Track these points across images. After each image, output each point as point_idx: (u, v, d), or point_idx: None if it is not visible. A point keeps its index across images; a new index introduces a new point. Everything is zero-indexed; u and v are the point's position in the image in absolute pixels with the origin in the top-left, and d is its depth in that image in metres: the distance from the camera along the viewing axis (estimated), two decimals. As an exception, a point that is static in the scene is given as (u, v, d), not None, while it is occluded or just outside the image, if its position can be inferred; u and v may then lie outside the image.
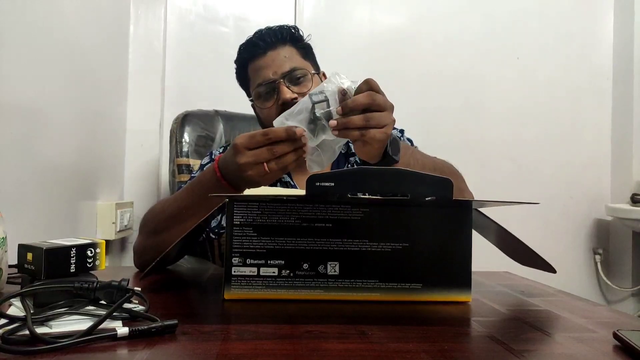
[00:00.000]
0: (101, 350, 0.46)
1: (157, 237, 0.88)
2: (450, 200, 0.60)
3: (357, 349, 0.48)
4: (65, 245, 0.59)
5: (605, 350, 0.49)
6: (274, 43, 1.05)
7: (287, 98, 1.02)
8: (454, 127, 1.96)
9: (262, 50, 1.05)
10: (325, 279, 0.66)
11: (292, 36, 1.08)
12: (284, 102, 1.02)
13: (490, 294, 0.75)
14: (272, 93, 1.04)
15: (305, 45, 1.11)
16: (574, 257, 2.06)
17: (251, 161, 0.74)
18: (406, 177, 0.60)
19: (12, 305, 0.56)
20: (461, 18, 1.98)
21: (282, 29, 1.07)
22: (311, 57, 1.11)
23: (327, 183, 0.57)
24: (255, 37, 1.07)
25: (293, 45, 1.07)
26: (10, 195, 0.97)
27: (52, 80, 1.18)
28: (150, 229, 0.91)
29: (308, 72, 1.06)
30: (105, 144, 1.57)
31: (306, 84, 1.05)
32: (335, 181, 0.57)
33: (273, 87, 1.03)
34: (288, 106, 1.02)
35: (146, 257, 0.86)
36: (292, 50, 1.07)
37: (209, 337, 0.50)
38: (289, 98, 1.02)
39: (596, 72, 2.07)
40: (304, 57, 1.08)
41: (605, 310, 0.71)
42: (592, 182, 2.06)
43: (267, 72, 1.04)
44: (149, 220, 0.93)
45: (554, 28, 2.04)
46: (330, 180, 0.57)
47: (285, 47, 1.06)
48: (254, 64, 1.06)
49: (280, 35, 1.06)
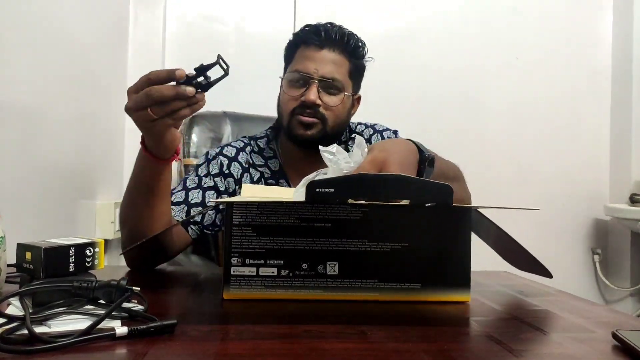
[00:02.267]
0: (100, 349, 0.46)
1: (127, 227, 0.87)
2: (450, 206, 0.60)
3: (356, 348, 0.48)
4: (64, 244, 0.59)
5: (604, 350, 0.49)
6: (334, 44, 1.04)
7: (312, 100, 1.01)
8: (453, 127, 1.96)
9: (320, 43, 1.03)
10: (325, 279, 0.66)
11: (354, 49, 1.06)
12: (306, 101, 1.02)
13: (489, 293, 0.76)
14: (302, 85, 1.03)
15: (359, 64, 1.09)
16: (573, 257, 2.06)
17: (132, 106, 0.69)
18: (406, 183, 0.60)
19: (11, 305, 0.55)
20: (460, 18, 1.99)
21: (349, 37, 1.06)
22: (357, 77, 1.10)
23: (327, 189, 0.56)
24: (321, 27, 1.05)
25: (348, 58, 1.06)
26: (9, 195, 0.97)
27: (51, 80, 1.18)
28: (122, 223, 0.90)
29: (344, 92, 1.05)
30: (105, 144, 1.57)
31: (336, 100, 1.04)
32: (335, 187, 0.57)
33: (306, 82, 1.03)
34: (306, 106, 1.02)
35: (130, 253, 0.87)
36: (345, 62, 1.05)
37: (207, 337, 0.50)
38: (312, 100, 1.01)
39: (595, 72, 2.07)
40: (351, 75, 1.07)
41: (603, 310, 0.71)
42: (590, 182, 2.06)
43: (310, 66, 1.02)
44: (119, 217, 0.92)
45: (553, 28, 2.04)
46: (330, 186, 0.57)
47: (341, 55, 1.05)
48: (305, 49, 1.05)
49: (344, 41, 1.05)
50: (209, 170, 1.07)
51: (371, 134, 1.16)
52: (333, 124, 1.05)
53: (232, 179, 1.08)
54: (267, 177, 1.10)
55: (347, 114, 1.09)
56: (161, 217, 0.85)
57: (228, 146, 1.13)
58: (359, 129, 1.18)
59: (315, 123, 1.03)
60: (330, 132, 1.05)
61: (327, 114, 1.04)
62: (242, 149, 1.12)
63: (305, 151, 1.06)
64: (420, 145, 0.84)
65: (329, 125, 1.04)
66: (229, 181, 1.08)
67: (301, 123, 1.03)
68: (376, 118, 1.26)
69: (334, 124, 1.05)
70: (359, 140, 0.72)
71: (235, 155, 1.10)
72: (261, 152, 1.13)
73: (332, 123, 1.05)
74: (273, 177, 1.10)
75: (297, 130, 1.04)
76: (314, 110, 1.03)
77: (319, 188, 0.56)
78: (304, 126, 1.03)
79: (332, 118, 1.04)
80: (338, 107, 1.04)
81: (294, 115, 1.04)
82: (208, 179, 1.06)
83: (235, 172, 1.08)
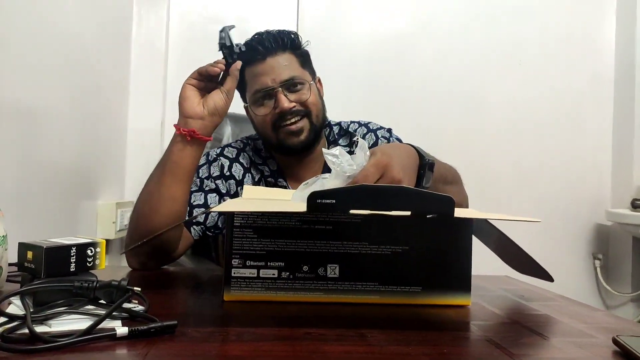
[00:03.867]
0: (100, 349, 0.46)
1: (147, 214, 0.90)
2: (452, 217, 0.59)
3: (356, 351, 0.48)
4: (66, 244, 0.59)
5: (604, 356, 0.49)
6: (273, 49, 1.04)
7: (286, 107, 1.02)
8: (455, 129, 1.96)
9: (261, 56, 1.03)
10: (325, 282, 0.66)
11: (292, 43, 1.07)
12: (282, 111, 1.02)
13: (490, 297, 0.75)
14: (269, 100, 1.04)
15: (304, 52, 1.09)
16: (574, 262, 2.05)
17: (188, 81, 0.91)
18: (408, 195, 0.59)
19: (12, 304, 0.56)
20: (462, 23, 1.99)
21: (282, 34, 1.06)
22: (309, 64, 1.11)
23: (328, 200, 0.56)
24: (254, 41, 1.05)
25: (292, 52, 1.06)
26: (11, 194, 0.97)
27: (54, 80, 1.18)
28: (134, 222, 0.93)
29: (306, 81, 1.05)
30: (107, 144, 1.57)
31: (304, 92, 1.04)
32: (336, 198, 0.57)
33: (271, 95, 1.03)
34: (285, 114, 1.02)
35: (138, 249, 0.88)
36: (292, 58, 1.06)
37: (208, 338, 0.50)
38: (287, 107, 1.02)
39: (597, 77, 2.07)
40: (302, 65, 1.07)
41: (604, 316, 0.71)
42: (592, 186, 2.06)
43: (265, 79, 1.03)
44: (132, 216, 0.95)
45: (555, 33, 2.04)
46: (331, 197, 0.57)
47: (285, 54, 1.05)
48: (251, 69, 1.05)
49: (280, 41, 1.05)
50: (210, 173, 1.07)
51: (365, 133, 1.16)
52: (316, 113, 1.06)
53: (233, 181, 1.08)
54: (267, 175, 1.11)
55: (321, 99, 1.10)
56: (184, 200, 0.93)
57: (228, 147, 1.13)
58: (352, 127, 1.17)
59: (302, 126, 1.04)
60: (317, 122, 1.06)
61: (306, 108, 1.05)
62: (243, 150, 1.12)
63: (298, 156, 1.08)
64: (420, 150, 0.85)
65: (313, 116, 1.06)
66: (230, 183, 1.08)
67: (290, 133, 1.04)
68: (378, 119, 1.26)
69: (317, 112, 1.07)
70: (361, 143, 0.73)
71: (236, 156, 1.11)
72: (259, 153, 1.13)
73: (315, 112, 1.06)
74: (272, 176, 1.11)
75: (288, 141, 1.04)
76: (294, 113, 1.04)
77: (320, 199, 0.56)
78: (293, 134, 1.04)
79: (313, 108, 1.05)
80: (311, 97, 1.05)
81: (279, 129, 1.04)
82: (209, 181, 1.06)
83: (236, 173, 1.09)
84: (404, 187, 0.64)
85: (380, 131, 1.17)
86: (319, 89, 1.11)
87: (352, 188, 0.63)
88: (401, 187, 0.65)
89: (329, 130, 1.17)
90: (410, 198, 0.59)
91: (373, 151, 0.75)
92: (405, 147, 0.85)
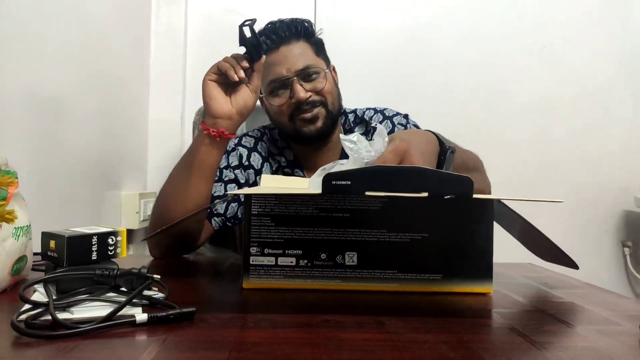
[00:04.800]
0: (120, 335, 0.46)
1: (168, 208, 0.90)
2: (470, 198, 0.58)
3: (374, 338, 0.48)
4: (87, 233, 0.60)
5: (630, 344, 0.48)
6: (287, 38, 1.03)
7: (302, 97, 1.01)
8: (477, 119, 1.92)
9: (275, 45, 1.03)
10: (343, 269, 0.66)
11: (306, 31, 1.06)
12: (298, 101, 1.01)
13: (513, 285, 0.74)
14: (285, 90, 1.03)
15: (318, 40, 1.09)
16: (602, 250, 2.00)
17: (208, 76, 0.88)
18: (424, 175, 0.58)
19: (37, 292, 0.57)
20: (482, 6, 1.94)
21: (295, 23, 1.05)
22: (323, 52, 1.10)
23: (344, 182, 0.56)
24: (268, 31, 1.04)
25: (306, 41, 1.06)
26: (36, 185, 0.99)
27: (77, 73, 1.20)
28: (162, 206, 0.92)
29: (322, 70, 1.05)
30: (129, 135, 1.59)
31: (320, 81, 1.04)
32: (352, 179, 0.56)
33: (286, 84, 1.03)
34: (301, 104, 1.02)
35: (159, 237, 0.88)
36: (306, 46, 1.05)
37: (226, 325, 0.51)
38: (303, 97, 1.01)
39: (626, 59, 2.00)
40: (317, 54, 1.07)
41: (632, 303, 0.69)
42: (621, 172, 2.00)
43: (280, 69, 1.02)
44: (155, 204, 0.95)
45: (580, 14, 1.97)
46: (346, 178, 0.56)
47: (299, 43, 1.04)
48: (266, 59, 1.05)
49: (294, 29, 1.04)
50: (229, 162, 1.07)
51: (380, 120, 1.14)
52: (332, 100, 1.06)
53: (252, 170, 1.08)
54: (283, 165, 1.11)
55: (336, 86, 1.10)
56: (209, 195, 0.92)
57: (246, 136, 1.13)
58: (368, 114, 1.16)
59: (318, 113, 1.04)
60: (333, 109, 1.06)
61: (322, 97, 1.04)
62: (260, 139, 1.12)
63: (315, 145, 1.08)
64: (440, 137, 0.83)
65: (329, 104, 1.05)
66: (249, 172, 1.08)
67: (305, 120, 1.03)
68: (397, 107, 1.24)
69: (333, 100, 1.06)
70: (380, 129, 0.72)
71: (254, 145, 1.11)
72: (275, 143, 1.13)
73: (331, 100, 1.06)
74: (289, 166, 1.11)
75: (304, 129, 1.04)
76: (311, 103, 1.03)
77: (335, 180, 0.55)
78: (309, 122, 1.04)
79: (328, 97, 1.05)
80: (326, 86, 1.04)
81: (295, 119, 1.04)
82: (228, 171, 1.06)
83: (255, 162, 1.09)
84: (420, 167, 0.63)
85: (396, 117, 1.15)
86: (334, 77, 1.10)
87: (367, 169, 0.63)
88: (417, 167, 0.63)
89: (344, 119, 1.16)
90: (427, 179, 0.58)
91: (392, 137, 0.74)
92: (425, 133, 0.83)
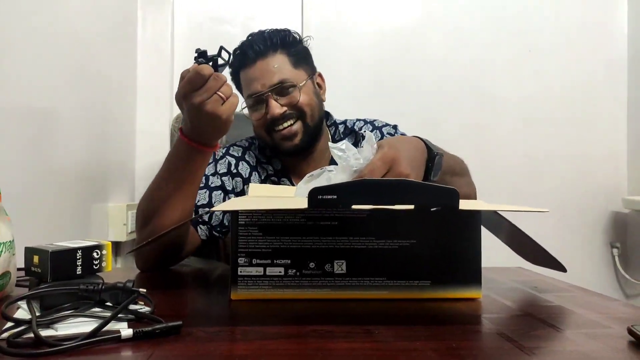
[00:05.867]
0: (105, 352, 0.45)
1: (149, 225, 0.85)
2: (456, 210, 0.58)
3: (362, 348, 0.47)
4: (71, 247, 0.59)
5: (619, 347, 0.48)
6: (263, 51, 1.03)
7: (276, 114, 1.02)
8: (465, 121, 1.93)
9: (252, 60, 1.03)
10: (332, 278, 0.65)
11: (284, 42, 1.05)
12: (273, 117, 1.02)
13: (502, 290, 0.74)
14: (261, 105, 1.04)
15: (299, 50, 1.08)
16: (591, 252, 2.02)
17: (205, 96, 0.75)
18: (410, 188, 0.58)
19: (20, 308, 0.56)
20: (470, 10, 1.96)
21: (272, 35, 1.05)
22: (305, 62, 1.08)
23: (330, 196, 0.56)
24: (245, 45, 1.05)
25: (284, 52, 1.05)
26: (20, 198, 0.97)
27: (61, 83, 1.19)
28: (141, 222, 0.88)
29: (297, 84, 1.04)
30: (116, 146, 1.58)
31: (294, 95, 1.03)
32: (337, 194, 0.56)
33: (262, 100, 1.03)
34: (276, 120, 1.02)
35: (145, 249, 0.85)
36: (283, 59, 1.04)
37: (213, 338, 0.50)
38: (277, 113, 1.02)
39: (611, 62, 2.03)
40: (295, 65, 1.05)
41: (620, 305, 0.69)
42: (608, 174, 2.02)
43: (255, 85, 1.03)
44: (138, 216, 0.91)
45: (566, 19, 2.00)
46: (332, 192, 0.56)
47: (276, 56, 1.04)
48: (244, 73, 1.06)
49: (269, 42, 1.04)
50: (217, 170, 1.07)
51: (370, 130, 1.15)
52: (311, 112, 1.05)
53: (240, 179, 1.08)
54: (271, 174, 1.11)
55: (316, 97, 1.08)
56: (190, 209, 0.86)
57: (234, 146, 1.13)
58: (358, 125, 1.17)
59: (296, 130, 1.04)
60: (311, 122, 1.05)
61: (298, 111, 1.04)
62: (248, 148, 1.12)
63: (299, 156, 1.08)
64: (428, 143, 0.83)
65: (307, 117, 1.05)
66: (237, 180, 1.08)
67: (283, 137, 1.04)
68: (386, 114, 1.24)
69: (311, 112, 1.05)
70: (368, 136, 0.72)
71: (242, 154, 1.10)
72: (263, 152, 1.13)
73: (309, 113, 1.05)
74: (277, 175, 1.11)
75: (283, 145, 1.05)
76: (286, 117, 1.03)
77: (321, 195, 0.55)
78: (287, 139, 1.04)
79: (306, 109, 1.04)
80: (302, 98, 1.04)
81: (273, 133, 1.05)
82: (215, 178, 1.06)
83: (243, 171, 1.08)
84: (406, 180, 0.63)
85: (385, 128, 1.16)
86: (319, 85, 1.10)
87: (353, 183, 0.63)
88: (403, 180, 0.64)
89: (335, 129, 1.16)
90: (413, 191, 0.58)
91: (380, 144, 0.74)
92: (413, 139, 0.83)
